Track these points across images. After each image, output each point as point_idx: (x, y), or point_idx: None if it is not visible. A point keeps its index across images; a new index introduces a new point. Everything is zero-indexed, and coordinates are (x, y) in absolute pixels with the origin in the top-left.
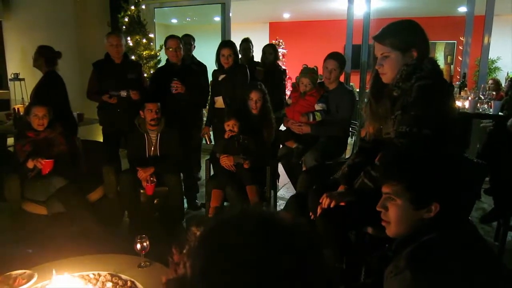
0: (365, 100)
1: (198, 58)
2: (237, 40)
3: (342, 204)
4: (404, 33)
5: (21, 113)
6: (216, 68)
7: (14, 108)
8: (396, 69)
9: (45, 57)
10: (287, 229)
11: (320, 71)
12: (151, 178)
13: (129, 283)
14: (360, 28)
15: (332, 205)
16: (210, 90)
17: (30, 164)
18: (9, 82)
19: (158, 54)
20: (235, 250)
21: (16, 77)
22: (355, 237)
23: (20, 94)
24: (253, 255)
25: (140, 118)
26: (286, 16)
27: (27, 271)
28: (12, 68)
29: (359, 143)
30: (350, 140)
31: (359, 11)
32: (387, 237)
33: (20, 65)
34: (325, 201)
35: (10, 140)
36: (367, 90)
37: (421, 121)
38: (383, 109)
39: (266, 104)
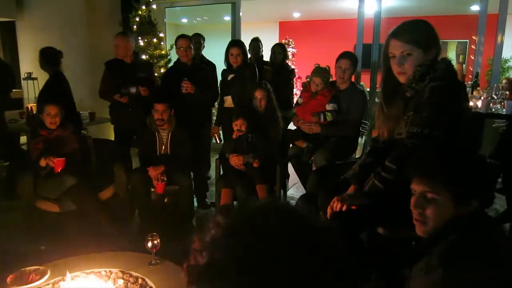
0: (376, 100)
1: (208, 58)
2: (247, 39)
3: (354, 208)
4: (426, 31)
5: (34, 112)
6: (225, 67)
7: (27, 107)
8: None
9: (45, 58)
10: (318, 229)
11: (332, 71)
12: (162, 177)
13: (140, 281)
14: (371, 27)
15: (343, 209)
16: (219, 89)
17: (42, 162)
18: (22, 81)
19: (168, 53)
20: (262, 248)
21: (29, 76)
22: (366, 237)
23: (33, 93)
24: (281, 253)
25: (151, 117)
26: (296, 15)
27: (40, 267)
28: (25, 67)
29: (371, 143)
30: (360, 140)
31: (369, 10)
32: (398, 237)
33: (33, 65)
34: (336, 205)
35: (23, 139)
36: (378, 90)
37: (432, 123)
38: (396, 110)
39: (271, 102)
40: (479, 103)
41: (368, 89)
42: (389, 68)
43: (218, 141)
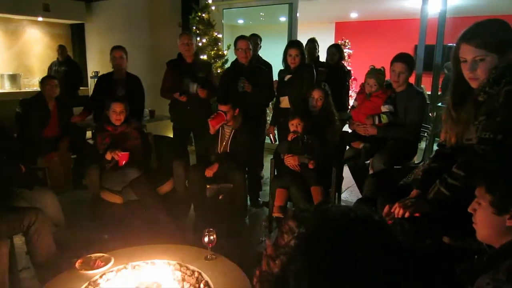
0: (440, 104)
1: (263, 58)
2: (302, 40)
3: (417, 215)
4: (500, 33)
5: None
6: (282, 68)
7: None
8: None
9: None
10: (409, 249)
11: (387, 74)
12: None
13: (196, 274)
14: (432, 28)
15: (406, 216)
16: (275, 90)
17: (108, 156)
18: (89, 79)
19: (225, 54)
20: (345, 260)
21: (96, 75)
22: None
23: None
24: (366, 270)
25: None
26: (354, 15)
27: (105, 255)
28: (92, 66)
29: (437, 148)
30: (420, 145)
31: (432, 9)
32: (465, 247)
33: (100, 64)
34: (398, 211)
35: (88, 133)
36: (439, 93)
37: (507, 128)
38: (465, 114)
39: (329, 105)
40: None
41: (429, 92)
42: (460, 71)
43: (273, 141)
